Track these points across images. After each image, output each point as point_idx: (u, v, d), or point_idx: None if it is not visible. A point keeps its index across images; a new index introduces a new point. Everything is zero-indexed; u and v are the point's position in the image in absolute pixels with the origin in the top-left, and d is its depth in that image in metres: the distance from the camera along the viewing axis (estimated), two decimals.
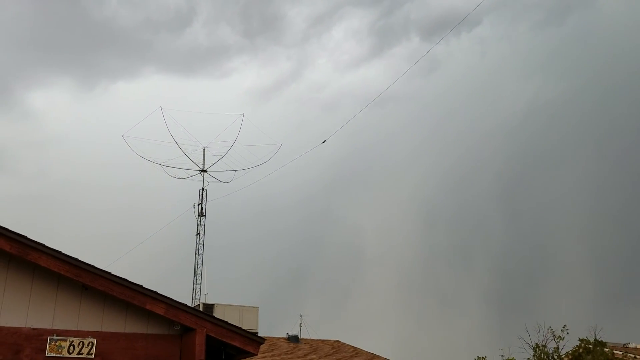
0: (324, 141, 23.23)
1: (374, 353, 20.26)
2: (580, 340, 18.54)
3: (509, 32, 54.14)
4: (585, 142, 46.17)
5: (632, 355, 18.39)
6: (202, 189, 26.47)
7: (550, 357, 18.30)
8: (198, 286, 24.70)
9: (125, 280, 7.92)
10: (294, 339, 20.34)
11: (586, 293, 39.11)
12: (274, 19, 54.49)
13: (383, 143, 50.63)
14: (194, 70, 57.46)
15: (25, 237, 7.38)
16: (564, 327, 18.35)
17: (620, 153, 44.87)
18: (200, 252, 25.19)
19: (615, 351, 18.68)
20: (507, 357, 19.11)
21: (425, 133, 50.95)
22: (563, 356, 18.58)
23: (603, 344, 18.07)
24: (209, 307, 19.82)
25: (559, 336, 18.27)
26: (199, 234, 25.67)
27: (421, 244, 46.96)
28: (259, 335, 11.52)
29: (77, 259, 7.65)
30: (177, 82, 54.59)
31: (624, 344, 22.01)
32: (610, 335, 20.23)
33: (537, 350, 18.33)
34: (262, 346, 8.92)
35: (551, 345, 18.60)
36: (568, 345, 18.86)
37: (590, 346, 17.98)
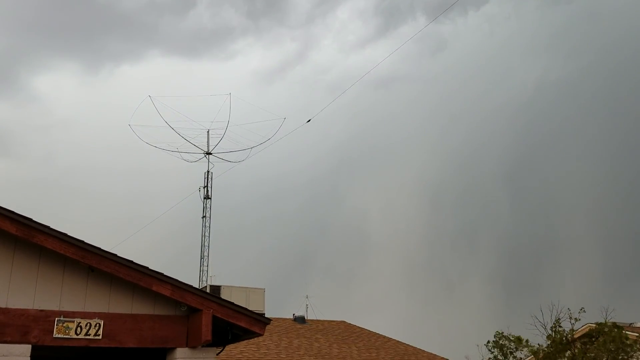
0: (309, 120, 23.10)
1: (380, 333, 20.38)
2: (598, 324, 18.58)
3: (517, 10, 53.47)
4: (593, 120, 45.81)
5: None
6: (207, 171, 26.51)
7: (566, 338, 18.37)
8: (205, 268, 24.86)
9: (132, 262, 7.95)
10: (300, 319, 20.45)
11: (594, 272, 39.13)
12: None
13: (388, 123, 50.41)
14: (198, 53, 57.22)
15: (30, 220, 7.39)
16: (581, 309, 18.42)
17: (628, 130, 44.48)
18: (207, 234, 25.31)
19: (629, 332, 18.73)
20: (514, 336, 19.23)
21: (430, 113, 50.68)
22: (575, 334, 18.66)
23: (620, 328, 18.11)
24: (215, 289, 19.96)
25: (575, 318, 18.35)
26: (205, 216, 25.75)
27: (426, 225, 46.97)
28: (266, 316, 11.58)
29: (82, 241, 7.67)
30: (182, 65, 54.40)
31: (630, 324, 22.03)
32: (618, 315, 20.27)
33: (554, 331, 18.36)
34: (268, 327, 8.96)
35: (564, 325, 18.70)
36: (576, 325, 18.96)
37: (607, 329, 18.01)
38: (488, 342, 19.77)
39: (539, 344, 18.97)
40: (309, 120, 22.87)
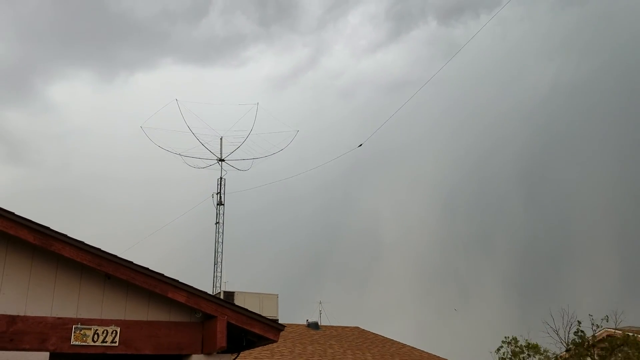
0: (360, 145, 23.25)
1: (394, 339, 20.30)
2: (622, 332, 18.53)
3: (530, 12, 53.24)
4: (607, 120, 45.38)
5: None
6: (221, 178, 26.65)
7: (587, 344, 18.35)
8: (218, 274, 24.93)
9: (147, 269, 8.03)
10: (314, 325, 20.45)
11: (611, 274, 38.62)
12: (289, 6, 54.32)
13: (400, 127, 50.29)
14: (211, 60, 57.67)
15: (48, 228, 7.50)
16: (605, 317, 18.46)
17: None
18: (220, 240, 25.41)
19: None
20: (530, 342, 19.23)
21: (442, 116, 50.54)
22: (591, 341, 18.59)
23: None
24: (229, 295, 20.03)
25: (597, 324, 18.35)
26: (218, 222, 25.86)
27: (440, 229, 46.76)
28: (279, 322, 11.59)
29: (99, 249, 7.77)
30: (194, 73, 54.86)
31: None
32: (634, 319, 20.06)
33: (578, 336, 18.38)
34: (282, 333, 8.99)
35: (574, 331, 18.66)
36: (589, 330, 18.88)
37: (632, 338, 17.93)
38: (498, 349, 19.78)
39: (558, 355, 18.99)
40: (361, 145, 23.10)
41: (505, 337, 19.86)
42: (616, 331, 18.69)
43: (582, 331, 18.59)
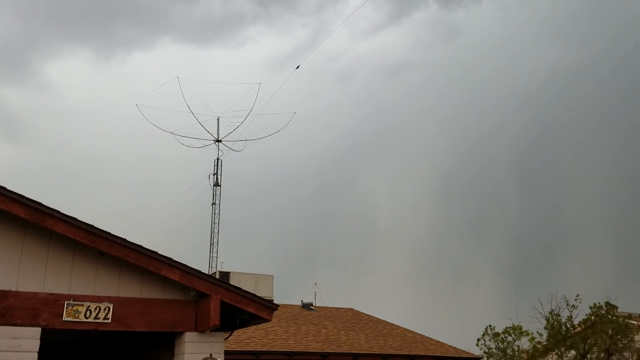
0: (298, 67, 23.67)
1: (388, 321, 20.41)
2: (592, 307, 18.66)
3: None
4: (604, 108, 45.29)
5: None
6: (217, 159, 26.51)
7: (563, 326, 18.42)
8: (214, 255, 24.95)
9: (141, 246, 7.98)
10: (308, 306, 20.53)
11: (604, 262, 38.86)
12: None
13: (397, 110, 50.15)
14: (209, 40, 57.05)
15: (40, 204, 7.42)
16: (577, 296, 18.56)
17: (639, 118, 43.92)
18: (216, 221, 25.37)
19: (631, 321, 18.71)
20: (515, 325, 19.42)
21: (440, 100, 50.34)
22: (576, 325, 18.70)
23: (614, 307, 18.17)
24: (225, 275, 20.04)
25: (573, 305, 18.42)
26: (215, 203, 25.80)
27: (434, 214, 46.85)
28: (274, 302, 11.60)
29: (92, 225, 7.70)
30: (192, 52, 54.33)
31: None
32: (628, 305, 20.18)
33: (551, 317, 18.49)
34: (277, 313, 9.00)
35: (565, 314, 18.76)
36: (581, 314, 18.99)
37: (603, 311, 18.07)
38: (478, 340, 20.02)
39: (538, 332, 19.14)
40: (298, 67, 23.47)
41: (485, 329, 20.16)
42: (592, 310, 18.84)
43: (558, 314, 18.78)
